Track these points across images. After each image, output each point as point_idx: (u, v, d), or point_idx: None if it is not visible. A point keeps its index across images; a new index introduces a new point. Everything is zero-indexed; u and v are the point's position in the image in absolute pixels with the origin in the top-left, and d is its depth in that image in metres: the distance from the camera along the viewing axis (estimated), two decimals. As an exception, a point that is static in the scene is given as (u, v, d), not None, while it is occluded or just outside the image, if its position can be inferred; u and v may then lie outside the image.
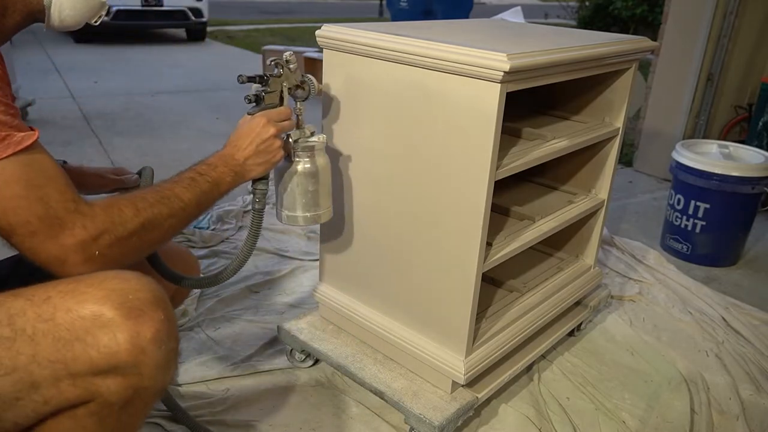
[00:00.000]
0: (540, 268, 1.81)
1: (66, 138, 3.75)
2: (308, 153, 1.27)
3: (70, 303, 0.84)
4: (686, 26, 3.31)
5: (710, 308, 2.15)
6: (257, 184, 1.25)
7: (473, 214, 1.28)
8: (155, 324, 0.87)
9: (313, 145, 1.28)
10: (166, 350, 0.88)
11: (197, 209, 1.10)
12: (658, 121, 3.53)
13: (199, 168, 1.13)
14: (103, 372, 0.85)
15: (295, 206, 1.30)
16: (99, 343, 0.83)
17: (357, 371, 1.52)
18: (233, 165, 1.16)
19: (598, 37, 1.59)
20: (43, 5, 1.01)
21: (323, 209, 1.33)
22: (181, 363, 1.69)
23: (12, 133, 0.87)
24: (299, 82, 1.28)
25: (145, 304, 0.87)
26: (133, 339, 0.84)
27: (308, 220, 1.31)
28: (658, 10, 8.15)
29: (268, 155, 1.19)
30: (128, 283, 0.87)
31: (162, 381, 0.91)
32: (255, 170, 1.19)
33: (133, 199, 0.99)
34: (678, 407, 1.65)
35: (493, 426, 1.54)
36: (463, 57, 1.18)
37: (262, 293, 2.10)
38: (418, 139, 1.34)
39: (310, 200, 1.30)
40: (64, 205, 0.90)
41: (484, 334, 1.47)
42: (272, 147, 1.19)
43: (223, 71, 6.33)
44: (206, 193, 1.11)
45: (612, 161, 1.73)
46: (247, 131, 1.18)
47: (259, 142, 1.18)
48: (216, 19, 10.33)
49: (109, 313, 0.84)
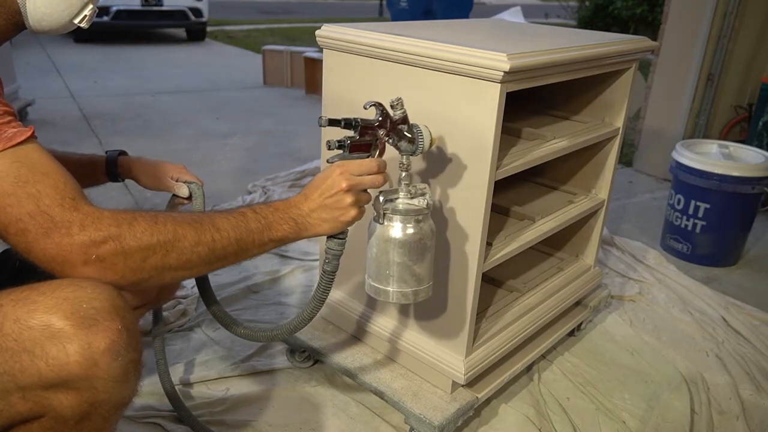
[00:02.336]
0: (540, 268, 1.81)
1: (66, 138, 3.75)
2: (403, 217, 1.07)
3: (20, 312, 0.80)
4: (686, 26, 3.30)
5: (710, 308, 2.15)
6: (329, 242, 1.09)
7: (473, 214, 1.28)
8: (110, 334, 0.81)
9: (412, 209, 1.07)
10: (124, 362, 0.83)
11: (236, 247, 0.98)
12: (658, 121, 3.53)
13: (257, 206, 1.03)
14: (53, 386, 0.81)
15: (381, 278, 1.11)
16: (47, 354, 0.79)
17: (357, 371, 1.52)
18: (295, 214, 1.03)
19: (598, 37, 1.59)
20: (17, 3, 0.95)
21: (419, 286, 1.11)
22: (181, 363, 1.70)
23: (2, 129, 0.84)
24: (405, 133, 1.09)
25: (100, 313, 0.82)
26: (84, 350, 0.80)
27: (397, 297, 1.10)
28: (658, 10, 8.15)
29: (336, 212, 1.04)
30: (83, 291, 0.83)
31: (120, 394, 0.86)
32: (320, 226, 1.05)
33: (156, 214, 0.92)
34: (678, 407, 1.65)
35: (493, 426, 1.54)
36: (463, 57, 1.18)
37: (262, 293, 2.10)
38: (418, 139, 1.33)
39: (402, 274, 1.09)
40: (59, 202, 0.85)
41: (484, 334, 1.47)
42: (341, 203, 1.03)
43: (223, 71, 6.34)
44: (253, 232, 0.99)
45: (612, 161, 1.73)
46: (318, 182, 1.04)
47: (327, 196, 1.03)
48: (216, 19, 10.33)
49: (58, 323, 0.79)
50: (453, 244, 1.34)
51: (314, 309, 1.11)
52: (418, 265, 1.10)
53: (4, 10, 0.95)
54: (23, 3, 0.95)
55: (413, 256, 1.08)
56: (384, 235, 1.08)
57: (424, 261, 1.10)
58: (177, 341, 1.80)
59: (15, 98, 3.81)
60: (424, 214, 1.09)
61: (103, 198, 2.54)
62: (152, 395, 1.51)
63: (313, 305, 1.11)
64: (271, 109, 4.79)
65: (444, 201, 1.33)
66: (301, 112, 4.75)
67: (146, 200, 2.69)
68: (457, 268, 1.35)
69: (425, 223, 1.10)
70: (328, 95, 1.49)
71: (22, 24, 0.98)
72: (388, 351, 1.56)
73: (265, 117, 4.54)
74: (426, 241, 1.09)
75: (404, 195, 1.10)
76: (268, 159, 3.53)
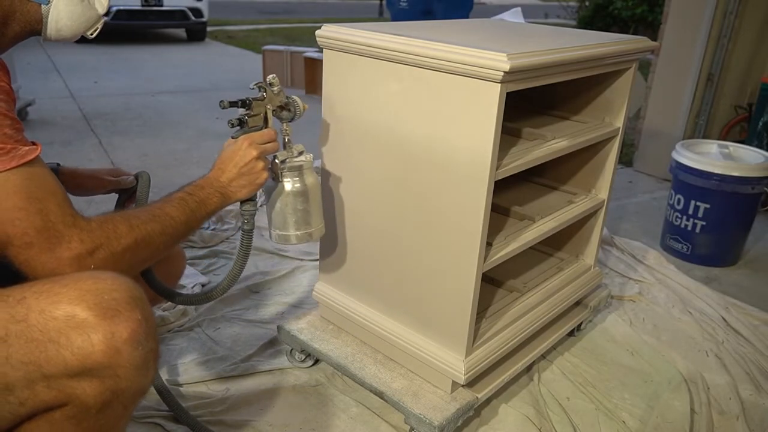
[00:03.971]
0: (540, 268, 1.81)
1: (66, 138, 3.75)
2: (295, 173, 1.29)
3: (43, 304, 0.83)
4: (686, 26, 3.30)
5: (710, 308, 2.15)
6: (245, 205, 1.27)
7: (473, 214, 1.28)
8: (131, 324, 0.85)
9: (301, 165, 1.29)
10: (144, 351, 0.87)
11: (186, 228, 1.12)
12: (658, 121, 3.53)
13: (188, 189, 1.16)
14: (77, 374, 0.83)
15: (286, 225, 1.31)
16: (72, 344, 0.82)
17: (357, 371, 1.52)
18: (218, 187, 1.19)
19: (598, 37, 1.59)
20: (41, 15, 1.03)
21: (314, 227, 1.34)
22: (181, 363, 1.70)
23: (17, 147, 0.89)
24: (283, 104, 1.30)
25: (121, 304, 0.85)
26: (107, 340, 0.83)
27: (300, 238, 1.32)
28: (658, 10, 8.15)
29: (251, 177, 1.21)
30: (103, 283, 0.86)
31: (140, 383, 0.89)
32: (240, 192, 1.22)
33: (127, 217, 1.02)
34: (678, 407, 1.65)
35: (493, 426, 1.54)
36: (463, 57, 1.18)
37: (262, 293, 2.10)
38: (417, 138, 1.34)
39: (300, 219, 1.31)
40: (62, 218, 0.91)
41: (484, 334, 1.47)
42: (255, 169, 1.21)
43: (223, 71, 6.34)
44: (194, 212, 1.14)
45: (612, 161, 1.73)
46: (230, 154, 1.21)
47: (242, 165, 1.20)
48: (216, 19, 10.33)
49: (82, 314, 0.82)
50: (453, 244, 1.34)
51: (241, 266, 1.30)
52: (312, 209, 1.33)
53: (24, 18, 1.02)
54: (47, 14, 1.03)
55: (307, 202, 1.31)
56: (284, 190, 1.29)
57: (315, 205, 1.34)
58: (177, 341, 1.80)
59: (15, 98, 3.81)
60: (309, 167, 1.31)
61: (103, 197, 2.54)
62: (152, 395, 1.51)
63: (240, 262, 1.29)
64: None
65: (444, 201, 1.33)
66: (301, 112, 4.74)
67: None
68: (457, 268, 1.35)
69: (311, 174, 1.32)
70: (328, 95, 1.49)
71: (37, 31, 1.05)
72: (388, 351, 1.56)
73: (265, 117, 4.54)
74: (315, 187, 1.33)
75: (291, 156, 1.30)
76: (268, 159, 3.52)
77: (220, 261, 2.28)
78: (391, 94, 1.36)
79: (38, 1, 1.02)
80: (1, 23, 1.00)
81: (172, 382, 1.62)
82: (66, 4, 1.05)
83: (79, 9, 1.07)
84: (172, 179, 3.06)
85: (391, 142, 1.39)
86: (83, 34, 1.12)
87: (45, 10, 1.03)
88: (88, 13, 1.09)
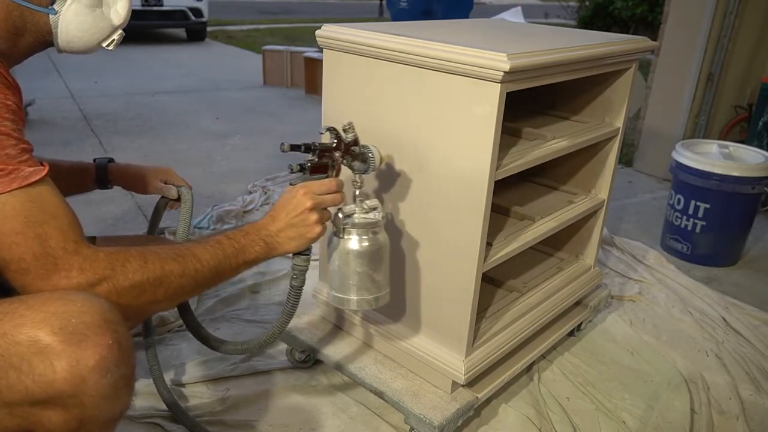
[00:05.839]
0: (540, 268, 1.81)
1: (66, 138, 3.75)
2: (360, 230, 1.17)
3: (7, 327, 0.78)
4: (686, 26, 3.30)
5: (710, 308, 2.15)
6: (296, 259, 1.18)
7: (473, 214, 1.28)
8: (99, 350, 0.80)
9: (368, 222, 1.17)
10: (113, 378, 0.82)
11: (215, 274, 1.03)
12: (658, 121, 3.53)
13: (230, 233, 1.08)
14: (40, 402, 0.79)
15: (343, 288, 1.19)
16: (34, 371, 0.77)
17: (357, 371, 1.52)
18: (264, 235, 1.10)
19: (598, 37, 1.59)
20: (50, 26, 1.00)
21: (379, 293, 1.20)
22: (181, 363, 1.70)
23: (20, 168, 0.85)
24: (356, 154, 1.18)
25: (90, 328, 0.80)
26: (71, 367, 0.78)
27: (359, 304, 1.20)
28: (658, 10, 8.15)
29: (301, 229, 1.11)
30: (72, 305, 0.81)
31: (110, 411, 0.85)
32: (288, 244, 1.12)
33: (144, 251, 0.95)
34: (678, 407, 1.65)
35: (493, 426, 1.54)
36: (463, 57, 1.18)
37: (262, 293, 2.10)
38: (417, 138, 1.34)
39: (361, 282, 1.18)
40: (63, 245, 0.86)
41: (484, 334, 1.47)
42: (307, 221, 1.11)
43: (223, 71, 6.34)
44: (229, 257, 1.05)
45: (612, 161, 1.73)
46: (284, 202, 1.12)
47: (294, 215, 1.11)
48: (216, 19, 10.33)
49: (46, 339, 0.78)
50: (453, 244, 1.34)
51: (284, 323, 1.21)
52: (377, 273, 1.19)
53: (35, 28, 0.99)
54: (55, 24, 0.99)
55: (372, 265, 1.18)
56: (345, 248, 1.17)
57: (382, 269, 1.20)
58: (177, 341, 1.79)
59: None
60: (379, 226, 1.19)
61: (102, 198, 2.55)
62: (152, 395, 1.51)
63: (284, 319, 1.21)
64: (271, 110, 4.79)
65: (444, 201, 1.33)
66: (301, 113, 4.75)
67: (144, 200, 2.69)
68: (457, 268, 1.35)
69: (380, 234, 1.20)
70: (328, 95, 1.49)
71: (50, 42, 1.03)
72: (388, 351, 1.56)
73: (265, 117, 4.54)
74: (382, 250, 1.19)
75: (360, 210, 1.19)
76: (268, 159, 3.52)
77: (220, 261, 2.28)
78: (391, 94, 1.36)
79: (46, 11, 0.99)
80: (14, 34, 0.97)
81: (173, 382, 1.61)
82: (75, 14, 1.00)
83: (90, 19, 1.02)
84: (172, 179, 3.06)
85: (391, 142, 1.39)
86: (101, 46, 1.07)
87: (53, 21, 0.99)
88: (100, 24, 1.05)
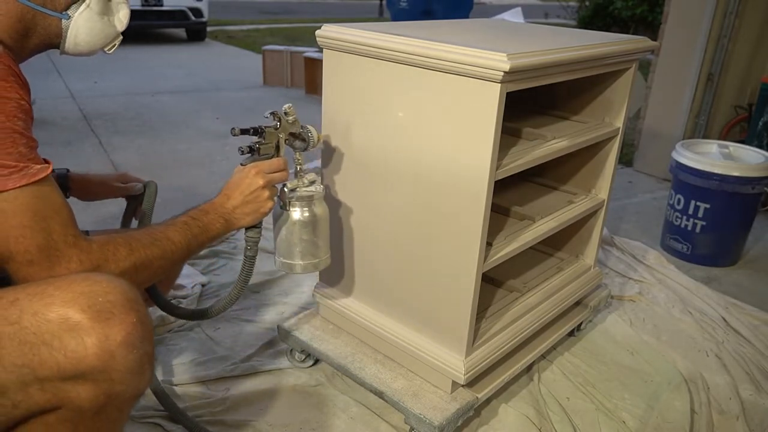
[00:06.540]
0: (540, 268, 1.81)
1: (66, 138, 3.75)
2: (304, 202, 1.29)
3: (37, 306, 0.82)
4: (686, 26, 3.30)
5: (710, 308, 2.15)
6: (249, 232, 1.28)
7: (473, 214, 1.28)
8: (126, 327, 0.85)
9: (310, 195, 1.29)
10: (139, 354, 0.86)
11: (186, 252, 1.13)
12: (658, 121, 3.53)
13: (192, 213, 1.17)
14: (71, 377, 0.83)
15: (290, 254, 1.31)
16: (66, 347, 0.81)
17: (357, 371, 1.52)
18: (222, 213, 1.20)
19: (598, 37, 1.59)
20: (60, 29, 1.06)
21: (320, 258, 1.34)
22: (181, 363, 1.70)
23: (30, 165, 0.90)
24: (297, 133, 1.30)
25: (116, 307, 0.85)
26: (101, 343, 0.82)
27: (304, 268, 1.32)
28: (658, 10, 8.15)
29: (255, 205, 1.22)
30: (98, 285, 0.86)
31: (136, 386, 0.89)
32: (243, 219, 1.23)
33: (129, 239, 1.03)
34: (678, 407, 1.65)
35: (493, 426, 1.54)
36: (463, 57, 1.18)
37: (262, 293, 2.10)
38: (417, 138, 1.34)
39: (306, 249, 1.31)
40: (64, 238, 0.92)
41: (484, 334, 1.47)
42: (260, 198, 1.22)
43: (223, 71, 6.34)
44: (196, 236, 1.15)
45: (612, 161, 1.73)
46: (237, 181, 1.22)
47: (247, 193, 1.21)
48: (216, 19, 10.33)
49: (76, 317, 0.82)
50: (453, 244, 1.34)
51: (240, 290, 1.32)
52: (319, 240, 1.32)
53: (45, 31, 1.05)
54: (66, 28, 1.06)
55: (314, 232, 1.31)
56: (291, 219, 1.29)
57: (323, 236, 1.33)
58: (177, 341, 1.79)
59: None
60: (319, 198, 1.31)
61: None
62: (152, 395, 1.51)
63: (239, 287, 1.31)
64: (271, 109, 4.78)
65: (444, 201, 1.33)
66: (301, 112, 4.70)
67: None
68: (457, 268, 1.35)
69: (320, 204, 1.32)
70: (328, 95, 1.49)
71: (55, 45, 1.09)
72: (388, 351, 1.56)
73: (265, 117, 4.54)
74: (323, 218, 1.32)
75: (302, 185, 1.30)
76: (268, 159, 3.52)
77: (220, 261, 2.28)
78: (391, 94, 1.36)
79: (59, 15, 1.05)
80: (23, 35, 1.02)
81: (173, 382, 1.62)
82: (86, 20, 1.07)
83: (99, 25, 1.10)
84: (171, 179, 3.06)
85: (391, 142, 1.39)
86: (101, 50, 1.15)
87: (65, 25, 1.06)
88: (107, 30, 1.12)
